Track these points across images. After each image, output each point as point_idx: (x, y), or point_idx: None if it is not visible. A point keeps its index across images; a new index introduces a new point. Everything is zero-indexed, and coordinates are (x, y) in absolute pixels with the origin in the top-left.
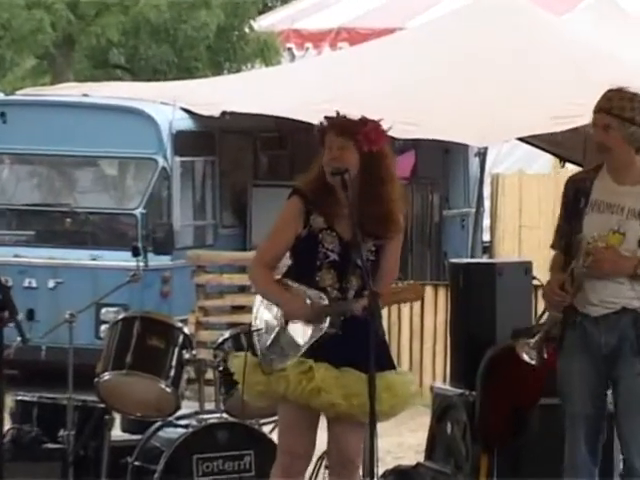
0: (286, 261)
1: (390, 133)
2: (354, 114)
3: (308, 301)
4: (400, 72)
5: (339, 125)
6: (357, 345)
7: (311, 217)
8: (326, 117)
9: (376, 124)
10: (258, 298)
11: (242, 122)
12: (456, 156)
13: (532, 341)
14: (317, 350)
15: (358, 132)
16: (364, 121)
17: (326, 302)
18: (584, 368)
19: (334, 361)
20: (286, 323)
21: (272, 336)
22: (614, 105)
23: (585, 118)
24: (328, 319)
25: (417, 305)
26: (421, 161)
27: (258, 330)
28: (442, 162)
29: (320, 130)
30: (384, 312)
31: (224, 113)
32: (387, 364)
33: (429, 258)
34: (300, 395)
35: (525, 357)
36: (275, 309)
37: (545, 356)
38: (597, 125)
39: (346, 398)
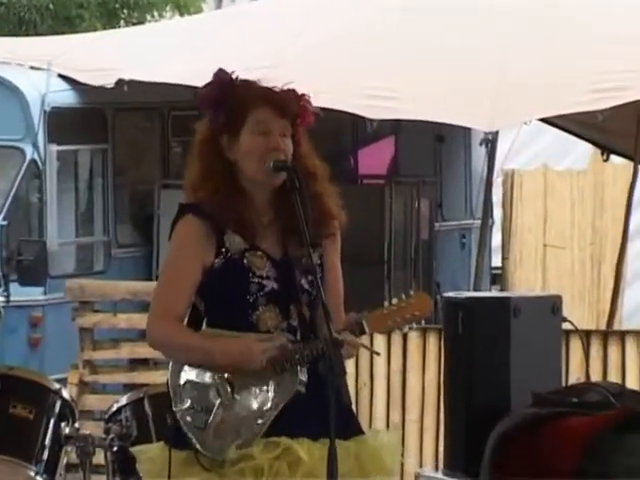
0: None
1: (358, 111)
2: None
3: (263, 344)
4: (372, 25)
5: (279, 101)
6: (324, 405)
7: (225, 238)
8: (243, 81)
9: (306, 99)
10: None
11: (146, 95)
12: (454, 145)
13: None
14: (286, 420)
15: (297, 112)
16: (297, 96)
17: (284, 342)
18: None
19: (311, 432)
20: (231, 387)
21: (214, 411)
22: None
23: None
24: (304, 370)
25: (396, 358)
26: (403, 152)
27: (185, 409)
28: (434, 154)
29: (237, 99)
30: (349, 364)
31: (120, 82)
32: (357, 427)
33: (413, 291)
34: None
35: None
36: (208, 373)
37: None
38: None
39: None
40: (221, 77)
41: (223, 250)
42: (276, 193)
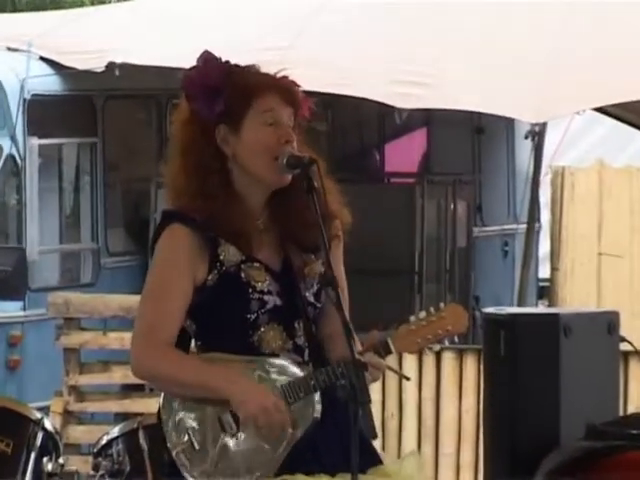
0: None
1: (385, 99)
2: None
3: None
4: (404, 2)
5: (285, 86)
6: (342, 434)
7: (218, 250)
8: (236, 66)
9: (297, 86)
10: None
11: (141, 81)
12: (495, 139)
13: None
14: (300, 454)
15: (300, 101)
16: (295, 83)
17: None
18: None
19: (328, 467)
20: (235, 419)
21: (217, 447)
22: None
23: None
24: (317, 396)
25: (429, 383)
26: (437, 147)
27: (182, 447)
28: (472, 148)
29: (239, 84)
30: (374, 390)
31: (111, 66)
32: (376, 456)
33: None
34: None
35: None
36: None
37: None
38: None
39: None
40: (212, 60)
41: (217, 264)
42: (271, 193)
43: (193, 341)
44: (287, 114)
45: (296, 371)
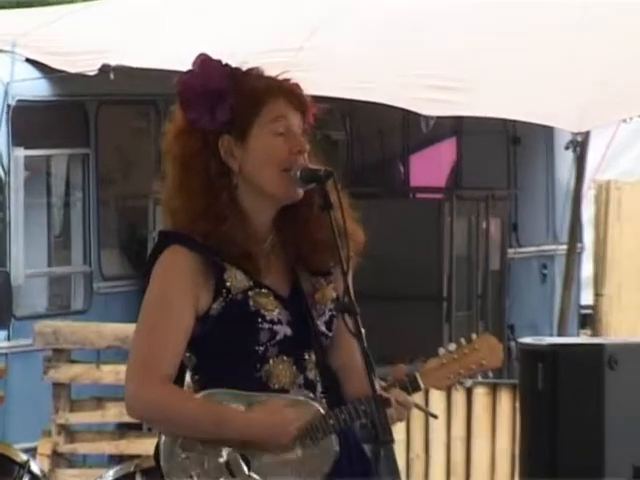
0: None
1: (410, 106)
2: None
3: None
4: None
5: (294, 91)
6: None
7: (225, 276)
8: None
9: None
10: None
11: (138, 85)
12: (532, 149)
13: None
14: None
15: (308, 107)
16: (299, 86)
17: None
18: None
19: None
20: (246, 463)
21: None
22: None
23: None
24: (334, 438)
25: (458, 421)
26: (468, 158)
27: None
28: (506, 160)
29: (245, 89)
30: (398, 429)
31: (105, 68)
32: None
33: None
34: None
35: None
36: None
37: None
38: None
39: None
40: (211, 62)
41: (224, 291)
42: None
43: (189, 374)
44: (297, 121)
45: (312, 409)
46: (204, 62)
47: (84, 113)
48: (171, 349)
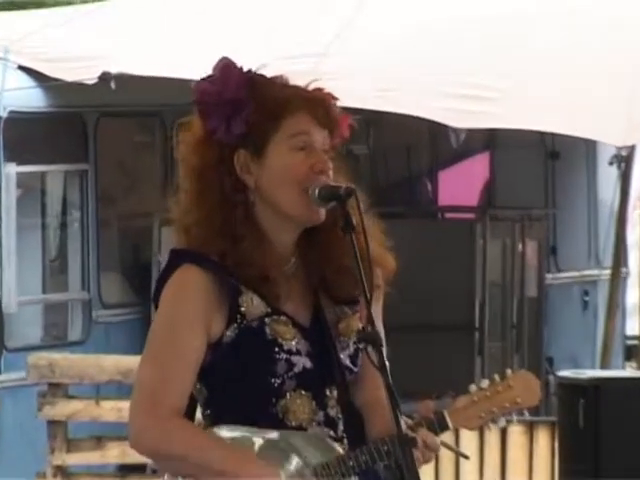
0: None
1: (439, 118)
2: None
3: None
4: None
5: (320, 104)
6: None
7: (240, 300)
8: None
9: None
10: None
11: (141, 96)
12: (572, 165)
13: None
14: None
15: (337, 122)
16: (332, 97)
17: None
18: None
19: None
20: None
21: None
22: None
23: None
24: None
25: (492, 462)
26: (502, 175)
27: None
28: (544, 177)
29: (265, 100)
30: (426, 471)
31: (105, 77)
32: None
33: (514, 369)
34: None
35: None
36: None
37: None
38: None
39: None
40: (231, 68)
41: (238, 316)
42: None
43: (200, 409)
44: (321, 137)
45: (331, 448)
46: (225, 67)
47: (82, 125)
48: (179, 380)
